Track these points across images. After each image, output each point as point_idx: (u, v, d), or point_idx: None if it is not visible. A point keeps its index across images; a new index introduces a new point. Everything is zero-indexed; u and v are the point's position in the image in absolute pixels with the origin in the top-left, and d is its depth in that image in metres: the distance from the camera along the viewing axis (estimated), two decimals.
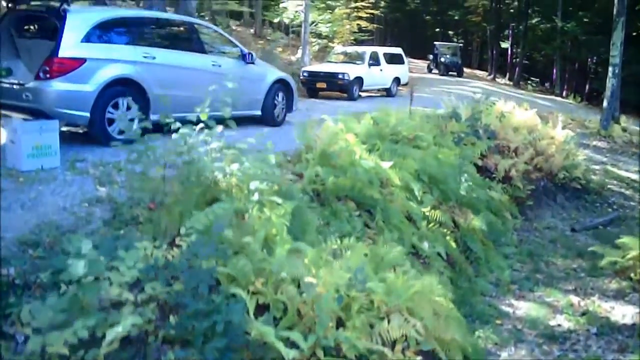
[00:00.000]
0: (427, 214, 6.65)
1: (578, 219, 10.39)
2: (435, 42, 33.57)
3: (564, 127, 17.49)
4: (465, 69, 37.00)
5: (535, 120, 11.71)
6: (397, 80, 18.38)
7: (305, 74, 16.33)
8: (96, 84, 6.54)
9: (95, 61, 6.55)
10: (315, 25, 19.39)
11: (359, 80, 16.26)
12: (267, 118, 9.41)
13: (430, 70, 32.80)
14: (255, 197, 4.27)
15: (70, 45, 6.39)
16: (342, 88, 15.90)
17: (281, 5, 19.30)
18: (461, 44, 42.23)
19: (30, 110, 6.62)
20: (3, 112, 6.67)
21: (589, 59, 28.11)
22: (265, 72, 9.34)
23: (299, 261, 4.00)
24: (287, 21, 19.33)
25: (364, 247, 4.72)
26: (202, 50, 8.16)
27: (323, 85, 16.00)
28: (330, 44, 20.06)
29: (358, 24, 19.98)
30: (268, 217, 4.27)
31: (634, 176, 13.39)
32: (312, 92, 16.30)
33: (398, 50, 18.99)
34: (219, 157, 4.72)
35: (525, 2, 31.74)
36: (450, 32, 43.26)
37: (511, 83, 33.95)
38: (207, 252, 3.48)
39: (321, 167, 6.57)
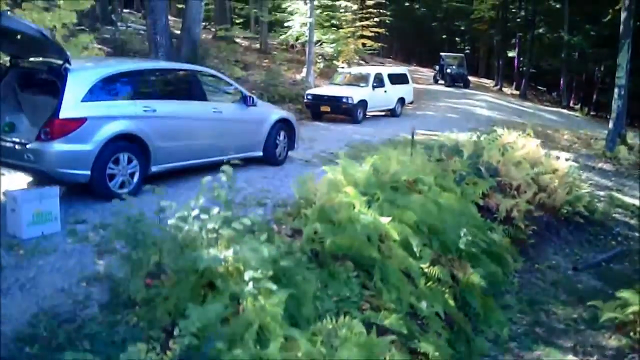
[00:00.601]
0: (426, 270, 6.66)
1: (581, 254, 10.36)
2: (441, 53, 33.50)
3: (569, 147, 17.69)
4: (471, 78, 36.96)
5: (539, 152, 11.64)
6: (401, 100, 18.37)
7: (309, 97, 16.37)
8: (97, 142, 6.61)
9: (96, 119, 6.62)
10: (320, 46, 19.40)
11: (363, 103, 16.29)
12: (269, 158, 9.47)
13: (436, 81, 32.79)
14: (250, 286, 4.31)
15: (71, 105, 6.46)
16: (346, 112, 15.94)
17: (286, 24, 19.31)
18: (467, 51, 42.26)
19: (32, 170, 6.72)
20: (5, 170, 6.78)
21: (596, 71, 27.94)
22: (267, 113, 9.38)
23: (292, 354, 4.04)
24: (291, 40, 19.33)
25: (359, 325, 4.74)
26: (203, 97, 8.22)
27: (327, 108, 16.04)
28: (335, 62, 20.05)
29: (363, 43, 19.97)
30: (262, 306, 4.30)
31: (638, 202, 13.32)
32: (316, 114, 16.34)
33: (403, 70, 19.01)
34: (214, 238, 4.76)
35: (532, 12, 31.62)
36: (457, 39, 43.08)
37: (518, 93, 33.83)
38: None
39: (320, 223, 6.60)
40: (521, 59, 35.06)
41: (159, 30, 14.37)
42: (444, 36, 47.57)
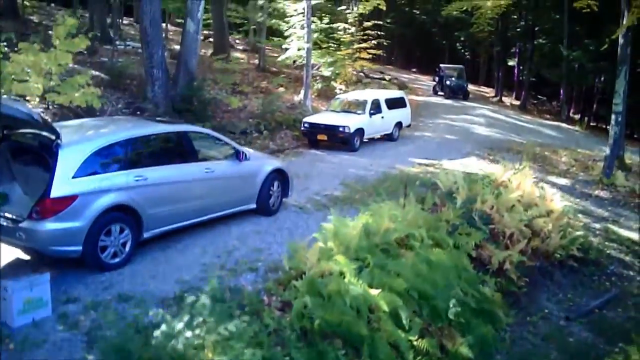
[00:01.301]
0: (415, 343, 6.72)
1: (574, 299, 10.41)
2: (440, 65, 33.42)
3: (567, 171, 17.68)
4: (471, 86, 36.90)
5: (533, 193, 11.65)
6: (399, 124, 18.37)
7: (306, 125, 16.41)
8: (88, 217, 6.67)
9: (87, 195, 6.68)
10: (317, 69, 19.42)
11: (360, 131, 16.32)
12: (262, 209, 9.52)
13: (435, 92, 32.76)
14: None
15: (62, 182, 6.52)
16: (343, 140, 15.98)
17: (284, 46, 19.32)
18: (468, 57, 42.12)
19: (24, 247, 6.79)
20: None
21: (596, 82, 27.90)
22: (260, 165, 9.42)
23: None
24: (289, 62, 19.35)
25: None
26: (195, 158, 8.27)
27: (324, 137, 16.08)
28: (333, 82, 20.08)
29: (361, 65, 19.98)
30: None
31: (634, 236, 13.32)
32: (313, 142, 16.38)
33: (400, 93, 19.01)
34: (200, 345, 4.82)
35: (532, 22, 31.56)
36: (458, 44, 42.94)
37: (518, 103, 33.75)
38: None
39: (310, 296, 6.67)
40: (521, 67, 34.96)
41: (155, 64, 14.42)
42: (444, 42, 47.48)
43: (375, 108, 17.12)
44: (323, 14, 20.69)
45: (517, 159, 18.07)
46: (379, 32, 23.59)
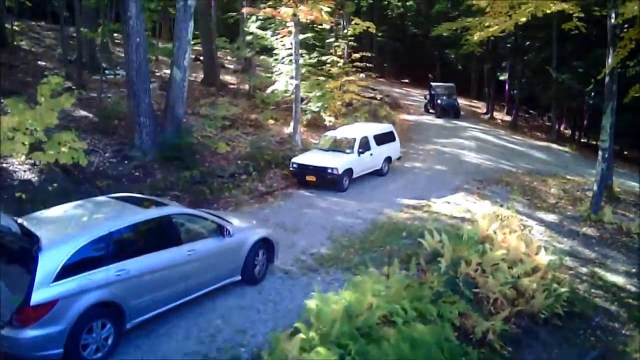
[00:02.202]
0: None
1: None
2: (431, 83, 33.56)
3: (555, 205, 17.76)
4: (463, 100, 37.04)
5: (519, 249, 11.70)
6: (388, 159, 18.43)
7: (295, 165, 16.46)
8: (69, 320, 6.71)
9: (68, 297, 6.72)
10: (306, 104, 19.46)
11: (349, 171, 16.38)
12: (247, 279, 9.56)
13: (427, 110, 32.89)
14: None
15: (42, 288, 6.54)
16: (331, 182, 16.03)
17: (273, 78, 19.34)
18: (460, 68, 42.12)
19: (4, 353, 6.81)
20: None
21: (586, 98, 27.95)
22: (245, 238, 9.44)
23: None
24: (279, 98, 19.39)
25: None
26: (178, 241, 8.29)
27: (313, 178, 16.13)
28: (322, 113, 20.12)
29: (350, 98, 20.03)
30: None
31: (620, 280, 13.40)
32: (302, 182, 16.43)
33: (389, 128, 19.02)
34: None
35: (521, 41, 31.67)
36: (451, 56, 42.93)
37: (509, 119, 33.82)
38: None
39: None
40: (512, 83, 35.03)
41: (142, 112, 14.47)
42: (436, 52, 47.53)
43: (364, 146, 17.17)
44: (312, 45, 20.72)
45: (506, 192, 18.27)
46: (367, 65, 23.59)
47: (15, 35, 26.95)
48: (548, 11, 17.13)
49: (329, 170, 15.87)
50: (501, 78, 36.90)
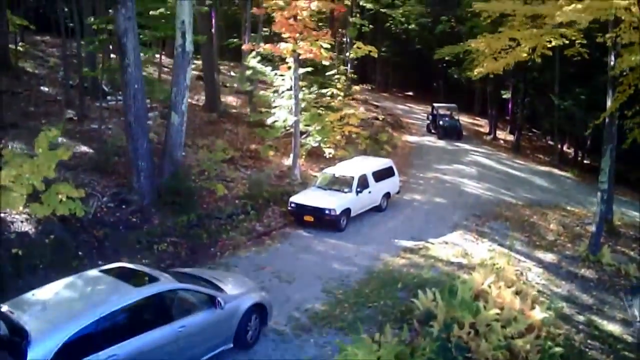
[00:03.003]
0: None
1: None
2: (433, 104, 33.51)
3: (554, 243, 17.70)
4: (466, 118, 37.00)
5: (514, 305, 11.67)
6: (387, 194, 18.44)
7: (293, 205, 16.50)
8: None
9: None
10: (305, 138, 19.51)
11: (347, 211, 16.41)
12: (240, 345, 9.59)
13: (429, 131, 32.88)
14: None
15: None
16: (329, 223, 16.05)
17: (272, 111, 19.40)
18: (463, 82, 41.87)
19: None
20: None
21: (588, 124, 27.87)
22: (237, 306, 9.45)
23: None
24: (278, 134, 19.44)
25: None
26: (169, 319, 8.32)
27: (310, 218, 16.18)
28: (322, 145, 20.16)
29: (350, 131, 20.06)
30: None
31: (617, 329, 13.35)
32: (300, 221, 16.47)
33: (388, 163, 18.99)
34: None
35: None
36: (454, 75, 42.82)
37: (512, 138, 33.69)
38: None
39: None
40: (517, 100, 34.89)
41: (140, 156, 14.54)
42: (440, 66, 47.38)
43: (363, 184, 17.18)
44: (312, 79, 20.77)
45: (505, 229, 18.25)
46: (367, 99, 23.65)
47: (19, 57, 27.15)
48: (549, 46, 17.04)
49: (327, 212, 15.90)
50: (505, 96, 36.78)
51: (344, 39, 30.83)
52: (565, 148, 34.76)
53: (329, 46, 17.83)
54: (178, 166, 15.25)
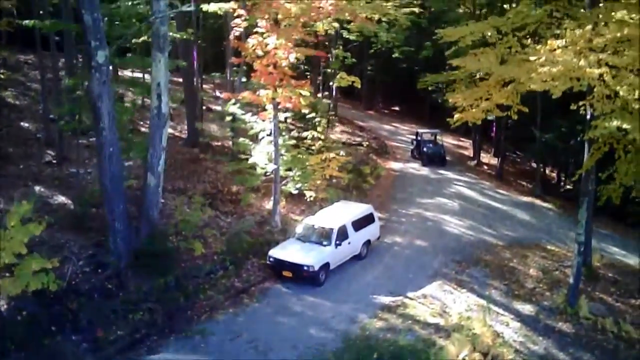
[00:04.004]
0: None
1: None
2: (417, 130, 33.55)
3: (532, 291, 17.77)
4: (450, 139, 36.97)
5: None
6: (367, 242, 18.45)
7: (271, 259, 16.49)
8: None
9: None
10: (285, 185, 19.46)
11: (326, 266, 16.41)
12: None
13: (413, 156, 32.90)
14: None
15: None
16: (308, 278, 16.05)
17: (250, 160, 19.35)
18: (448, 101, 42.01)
19: None
20: None
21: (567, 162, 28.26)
22: None
23: None
24: (258, 182, 19.38)
25: None
26: None
27: (289, 274, 16.19)
28: (303, 188, 20.12)
29: (330, 175, 20.03)
30: None
31: None
32: (278, 275, 16.45)
33: (368, 210, 18.97)
34: None
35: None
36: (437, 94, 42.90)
37: (496, 161, 33.68)
38: None
39: None
40: (500, 123, 34.96)
41: (116, 218, 14.45)
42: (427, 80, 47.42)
43: (342, 235, 17.16)
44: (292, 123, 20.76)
45: (485, 276, 18.33)
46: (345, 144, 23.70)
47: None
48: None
49: (305, 268, 15.91)
50: (489, 118, 36.81)
51: (329, 63, 30.71)
52: (548, 171, 34.97)
53: (308, 94, 17.73)
54: (155, 226, 15.16)
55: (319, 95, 33.99)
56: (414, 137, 33.25)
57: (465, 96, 16.61)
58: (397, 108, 50.41)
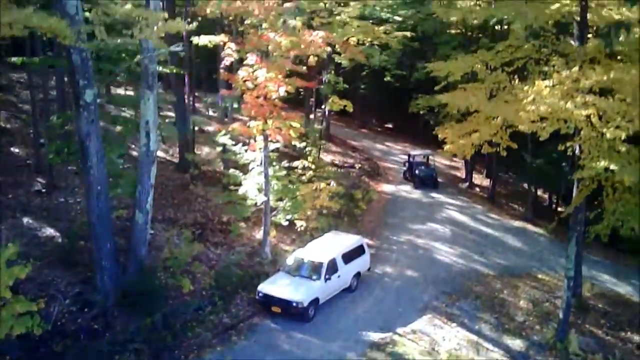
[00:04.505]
0: None
1: None
2: (410, 152, 33.61)
3: (522, 325, 17.74)
4: (442, 160, 36.93)
5: None
6: (357, 274, 18.39)
7: (260, 294, 16.42)
8: None
9: None
10: (275, 216, 19.42)
11: (315, 301, 16.34)
12: None
13: (405, 178, 32.89)
14: None
15: None
16: (297, 315, 15.97)
17: (241, 187, 19.29)
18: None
19: None
20: None
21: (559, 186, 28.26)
22: None
23: None
24: (248, 213, 19.34)
25: None
26: None
27: (278, 309, 16.12)
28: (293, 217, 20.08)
29: (321, 205, 20.00)
30: None
31: None
32: (267, 310, 16.36)
33: (359, 241, 18.91)
34: None
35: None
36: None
37: (488, 182, 33.67)
38: None
39: None
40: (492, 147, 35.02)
41: (104, 256, 14.41)
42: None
43: (332, 269, 17.10)
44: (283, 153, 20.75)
45: (475, 309, 18.30)
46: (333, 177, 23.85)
47: None
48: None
49: (294, 304, 15.83)
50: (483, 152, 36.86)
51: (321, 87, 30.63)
52: (540, 192, 34.97)
53: (298, 125, 17.74)
54: (143, 264, 15.09)
55: (312, 116, 34.09)
56: (407, 158, 33.24)
57: (454, 131, 16.66)
58: (390, 125, 50.47)
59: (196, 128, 31.58)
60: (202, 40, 17.41)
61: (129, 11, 10.93)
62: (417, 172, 31.69)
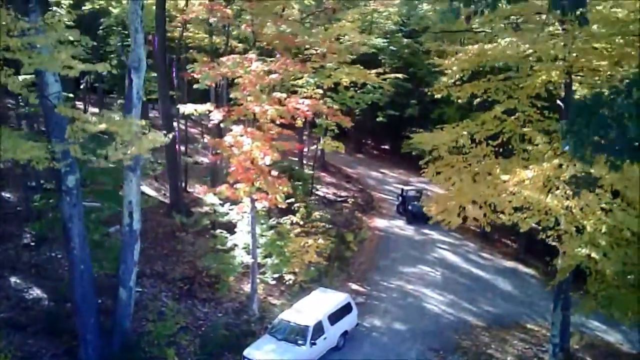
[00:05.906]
0: None
1: None
2: (403, 187, 33.65)
3: None
4: (435, 190, 36.98)
5: None
6: (344, 333, 18.43)
7: None
8: None
9: None
10: (263, 274, 19.49)
11: None
12: None
13: (399, 212, 32.95)
14: None
15: None
16: None
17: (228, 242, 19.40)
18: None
19: None
20: None
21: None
22: None
23: None
24: (235, 273, 19.45)
25: None
26: None
27: None
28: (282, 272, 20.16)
29: (309, 261, 20.04)
30: None
31: None
32: None
33: (346, 300, 18.89)
34: None
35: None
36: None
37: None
38: None
39: None
40: None
41: (88, 330, 14.47)
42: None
43: (318, 332, 17.11)
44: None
45: None
46: (327, 225, 23.94)
47: None
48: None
49: None
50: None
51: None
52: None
53: (285, 188, 17.78)
54: (127, 337, 15.16)
55: (305, 149, 34.12)
56: (400, 192, 33.30)
57: (440, 202, 16.73)
58: (387, 147, 50.53)
59: (190, 158, 31.87)
60: (189, 108, 17.52)
61: (106, 126, 10.97)
62: (409, 207, 31.74)
